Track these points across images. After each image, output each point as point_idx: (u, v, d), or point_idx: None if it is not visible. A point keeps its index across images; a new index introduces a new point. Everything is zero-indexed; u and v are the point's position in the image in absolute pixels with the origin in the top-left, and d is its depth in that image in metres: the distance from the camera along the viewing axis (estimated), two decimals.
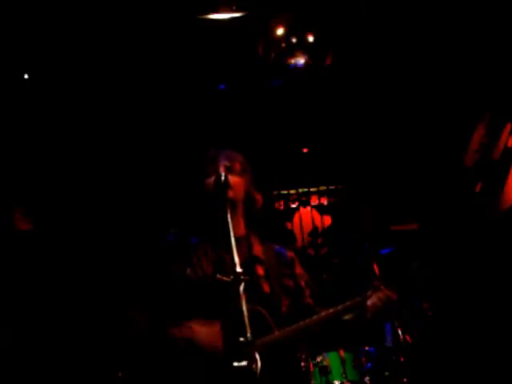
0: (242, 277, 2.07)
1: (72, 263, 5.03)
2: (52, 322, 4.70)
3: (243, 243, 2.64)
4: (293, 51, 4.92)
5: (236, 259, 2.11)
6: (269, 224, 6.10)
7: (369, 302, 2.55)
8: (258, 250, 2.71)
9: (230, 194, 2.50)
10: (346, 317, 2.56)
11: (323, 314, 2.53)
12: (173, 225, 2.81)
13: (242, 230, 2.70)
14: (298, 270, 2.78)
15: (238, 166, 2.70)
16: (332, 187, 6.72)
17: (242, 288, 2.06)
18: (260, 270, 2.63)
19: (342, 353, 3.66)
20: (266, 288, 2.59)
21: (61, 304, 4.77)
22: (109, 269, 4.69)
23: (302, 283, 2.75)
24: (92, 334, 4.62)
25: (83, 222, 5.32)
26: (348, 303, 2.55)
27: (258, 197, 2.77)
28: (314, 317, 2.51)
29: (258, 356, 1.97)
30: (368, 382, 3.64)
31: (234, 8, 4.49)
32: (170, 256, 2.62)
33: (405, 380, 3.63)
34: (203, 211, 2.68)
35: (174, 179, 4.97)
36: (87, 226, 5.31)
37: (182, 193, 2.91)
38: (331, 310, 2.54)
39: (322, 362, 3.57)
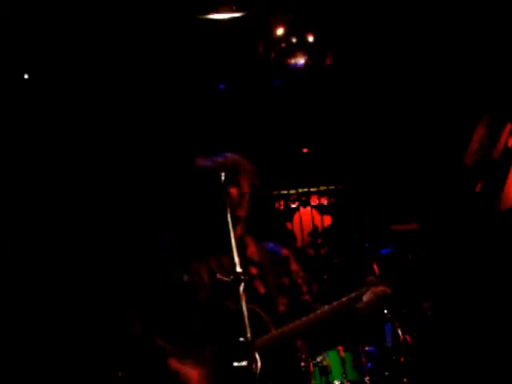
0: (242, 277, 2.06)
1: (69, 267, 5.03)
2: (52, 322, 4.70)
3: (237, 245, 2.64)
4: (293, 51, 4.92)
5: (236, 259, 2.10)
6: (269, 224, 6.10)
7: (364, 298, 2.55)
8: (251, 251, 2.70)
9: (240, 211, 2.52)
10: (343, 313, 2.56)
11: (319, 310, 2.53)
12: (170, 229, 2.80)
13: (239, 232, 2.70)
14: (294, 266, 2.77)
15: (245, 181, 2.68)
16: (332, 187, 6.72)
17: (241, 288, 2.05)
18: (254, 271, 2.63)
19: (341, 353, 3.66)
20: (261, 289, 2.59)
21: (60, 305, 4.77)
22: (106, 274, 4.69)
23: (299, 280, 2.75)
24: (91, 334, 4.62)
25: (79, 227, 5.32)
26: (344, 299, 2.56)
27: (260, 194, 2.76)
28: (311, 315, 2.51)
29: (257, 356, 1.96)
30: (368, 382, 3.64)
31: (234, 8, 4.49)
32: (166, 263, 2.62)
33: (405, 380, 3.63)
34: (203, 212, 2.67)
35: (174, 181, 4.97)
36: (83, 231, 5.31)
37: (182, 195, 2.90)
38: (327, 307, 2.54)
39: (322, 361, 3.57)
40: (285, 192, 6.74)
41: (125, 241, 5.00)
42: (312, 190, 6.77)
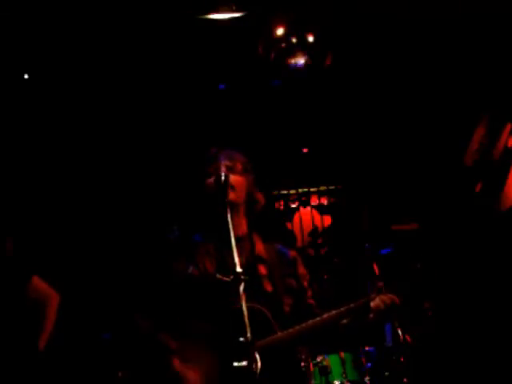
0: (241, 277, 2.07)
1: (75, 263, 5.04)
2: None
3: (245, 243, 2.64)
4: (293, 51, 4.92)
5: (236, 259, 2.11)
6: (269, 224, 6.10)
7: (372, 304, 2.53)
8: (260, 249, 2.70)
9: (232, 194, 2.50)
10: (348, 319, 2.54)
11: (325, 315, 2.52)
12: (176, 223, 2.81)
13: (244, 230, 2.69)
14: (301, 269, 2.77)
15: (239, 166, 2.70)
16: (332, 187, 6.73)
17: (241, 288, 2.05)
18: (262, 270, 2.62)
19: (341, 353, 3.66)
20: (269, 287, 2.59)
21: (62, 303, 4.77)
22: (112, 267, 4.70)
23: (305, 283, 2.74)
24: (93, 334, 4.62)
25: (88, 221, 5.34)
26: (352, 305, 2.54)
27: (260, 196, 2.76)
28: (317, 318, 2.50)
29: (257, 356, 1.96)
30: (368, 382, 3.64)
31: (234, 8, 4.49)
32: (172, 254, 2.62)
33: (405, 380, 3.63)
34: (204, 211, 2.68)
35: (176, 179, 4.97)
36: (92, 225, 5.32)
37: (185, 192, 2.91)
38: (334, 312, 2.53)
39: (322, 362, 3.57)
40: (285, 192, 6.75)
41: (129, 236, 5.02)
42: (312, 190, 6.77)
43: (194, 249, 2.63)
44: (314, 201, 6.76)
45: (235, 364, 1.97)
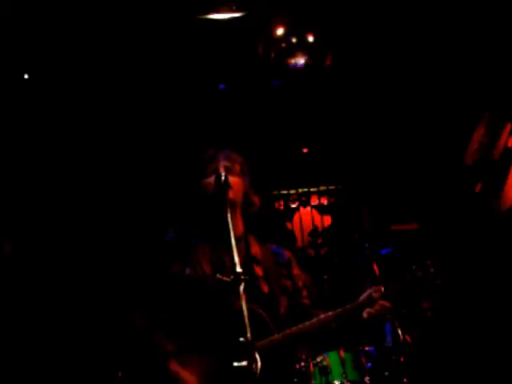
0: (241, 276, 2.07)
1: (73, 263, 5.04)
2: (53, 321, 4.70)
3: (241, 244, 2.64)
4: (293, 51, 4.92)
5: (236, 259, 2.11)
6: (269, 224, 6.10)
7: (364, 315, 2.54)
8: (255, 250, 2.71)
9: (230, 194, 2.50)
10: (345, 319, 2.55)
11: (322, 316, 2.52)
12: (172, 225, 2.81)
13: (241, 231, 2.70)
14: (296, 270, 2.78)
15: (237, 167, 2.71)
16: (332, 187, 6.72)
17: (241, 288, 2.05)
18: (258, 271, 2.63)
19: (342, 353, 3.66)
20: (265, 288, 2.59)
21: (62, 304, 4.77)
22: (110, 269, 4.70)
23: (300, 284, 2.75)
24: (92, 334, 4.62)
25: (84, 223, 5.33)
26: (348, 306, 2.54)
27: (256, 198, 2.77)
28: (314, 319, 2.51)
29: (257, 356, 1.96)
30: (368, 382, 3.64)
31: (234, 8, 4.49)
32: (169, 256, 2.62)
33: (405, 380, 3.63)
34: (203, 211, 2.68)
35: (173, 179, 4.97)
36: (88, 227, 5.32)
37: (182, 193, 2.91)
38: (330, 313, 2.53)
39: (321, 361, 3.56)
40: (285, 192, 6.74)
41: (128, 237, 5.01)
42: (312, 190, 6.77)
43: (191, 251, 2.63)
44: (314, 201, 6.76)
45: (235, 364, 1.97)
